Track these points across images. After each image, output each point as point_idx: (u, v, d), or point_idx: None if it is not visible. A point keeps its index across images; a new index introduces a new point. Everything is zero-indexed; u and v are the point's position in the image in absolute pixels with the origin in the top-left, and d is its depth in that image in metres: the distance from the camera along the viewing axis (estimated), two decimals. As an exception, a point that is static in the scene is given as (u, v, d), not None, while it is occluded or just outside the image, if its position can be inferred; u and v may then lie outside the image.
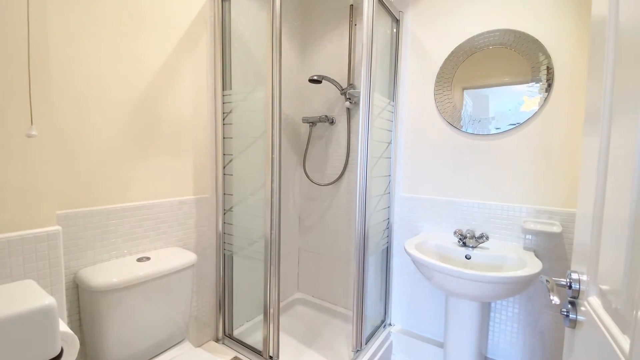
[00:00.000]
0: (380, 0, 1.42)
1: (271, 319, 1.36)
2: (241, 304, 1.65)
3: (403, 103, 1.67)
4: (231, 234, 1.51)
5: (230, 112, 1.46)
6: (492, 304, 1.48)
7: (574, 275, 0.57)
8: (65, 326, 0.55)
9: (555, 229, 1.26)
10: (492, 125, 1.43)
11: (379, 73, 1.50)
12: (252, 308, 1.75)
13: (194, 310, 1.46)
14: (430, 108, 1.59)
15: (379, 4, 1.42)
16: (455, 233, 1.45)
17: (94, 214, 1.09)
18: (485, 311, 1.39)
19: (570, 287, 0.57)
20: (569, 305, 0.57)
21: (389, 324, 1.76)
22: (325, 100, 1.96)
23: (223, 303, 1.55)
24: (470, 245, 1.40)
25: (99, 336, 1.02)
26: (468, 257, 1.39)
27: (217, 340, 1.57)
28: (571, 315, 0.56)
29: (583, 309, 0.53)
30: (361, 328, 1.44)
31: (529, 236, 1.37)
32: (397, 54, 1.65)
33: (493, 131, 1.43)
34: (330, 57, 1.92)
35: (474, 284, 1.16)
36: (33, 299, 0.52)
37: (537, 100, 1.33)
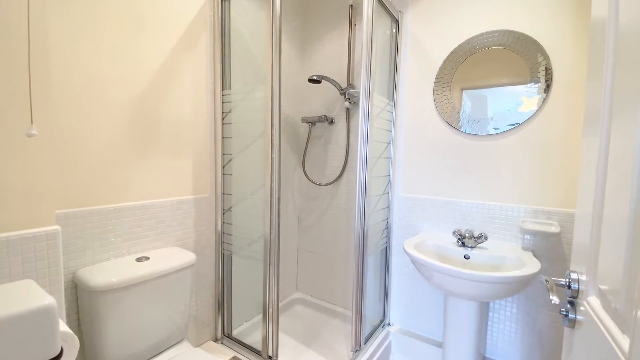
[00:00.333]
0: (380, 1, 1.42)
1: (270, 319, 1.36)
2: (240, 303, 1.64)
3: (402, 103, 1.68)
4: (230, 234, 1.51)
5: (229, 112, 1.46)
6: (491, 304, 1.49)
7: (573, 275, 0.58)
8: (65, 326, 0.54)
9: (554, 229, 1.26)
10: (491, 125, 1.43)
11: (378, 73, 1.50)
12: (251, 308, 1.75)
13: (192, 310, 1.46)
14: (429, 108, 1.60)
15: (379, 4, 1.42)
16: (454, 233, 1.45)
17: (93, 213, 1.09)
18: (483, 311, 1.39)
19: (569, 287, 0.57)
20: (568, 305, 0.58)
21: (388, 324, 1.77)
22: (324, 100, 1.96)
23: (222, 303, 1.55)
24: (469, 245, 1.41)
25: (98, 336, 1.01)
26: (467, 257, 1.39)
27: (216, 340, 1.57)
28: (570, 315, 0.56)
29: (582, 308, 0.54)
30: (360, 328, 1.44)
31: (527, 236, 1.38)
32: (397, 54, 1.66)
33: (492, 132, 1.43)
34: (329, 57, 1.92)
35: (472, 284, 1.16)
36: (33, 298, 0.52)
37: (536, 101, 1.34)
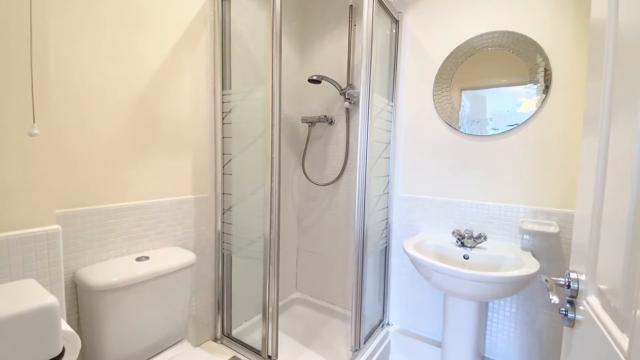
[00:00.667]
0: (380, 1, 1.42)
1: (270, 319, 1.36)
2: (239, 303, 1.64)
3: (402, 103, 1.68)
4: (230, 234, 1.51)
5: (229, 112, 1.46)
6: (490, 304, 1.49)
7: (573, 275, 0.58)
8: (66, 325, 0.54)
9: (553, 229, 1.27)
10: (490, 126, 1.44)
11: (378, 73, 1.50)
12: (251, 308, 1.75)
13: (192, 309, 1.46)
14: (429, 108, 1.60)
15: (379, 4, 1.43)
16: (453, 233, 1.46)
17: (92, 213, 1.09)
18: (483, 311, 1.40)
19: (569, 287, 0.58)
20: (568, 305, 0.58)
21: (387, 324, 1.77)
22: (324, 100, 1.96)
23: (222, 302, 1.55)
24: (469, 245, 1.41)
25: (98, 336, 1.01)
26: (466, 257, 1.39)
27: (216, 339, 1.57)
28: (570, 315, 0.57)
29: (582, 308, 0.54)
30: (360, 328, 1.44)
31: (527, 236, 1.38)
32: (397, 55, 1.66)
33: (491, 132, 1.44)
34: (329, 57, 1.92)
35: (472, 284, 1.17)
36: (35, 298, 0.52)
37: (535, 102, 1.34)
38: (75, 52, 1.02)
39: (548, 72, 1.31)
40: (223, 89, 1.46)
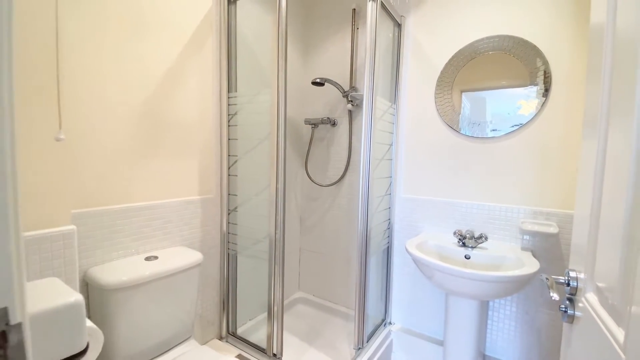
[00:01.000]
0: (383, 6, 1.45)
1: (275, 317, 1.39)
2: (244, 302, 1.67)
3: (404, 106, 1.71)
4: (235, 234, 1.53)
5: (235, 114, 1.49)
6: (491, 303, 1.52)
7: (572, 274, 0.61)
8: (89, 322, 0.57)
9: (552, 229, 1.30)
10: (491, 128, 1.47)
11: (380, 76, 1.53)
12: (255, 307, 1.77)
13: (198, 308, 1.48)
14: (430, 111, 1.63)
15: (382, 9, 1.45)
16: (455, 233, 1.48)
17: (103, 213, 1.11)
18: (484, 310, 1.42)
19: (568, 285, 0.60)
20: (567, 302, 0.61)
21: (389, 323, 1.80)
22: (327, 102, 1.99)
23: (227, 301, 1.58)
24: (470, 245, 1.44)
25: (109, 334, 1.04)
26: (467, 257, 1.42)
27: (221, 338, 1.59)
28: (569, 311, 0.59)
29: (581, 305, 0.57)
30: (363, 326, 1.47)
31: (527, 237, 1.41)
32: (399, 58, 1.69)
33: (492, 134, 1.46)
34: (332, 60, 1.95)
35: (474, 283, 1.19)
36: (61, 295, 0.55)
37: (535, 104, 1.37)
38: (85, 57, 1.04)
39: (548, 76, 1.34)
40: (229, 92, 1.48)
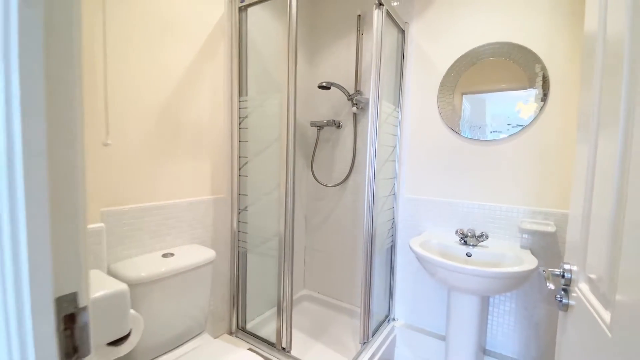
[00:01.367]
0: (388, 13, 1.51)
1: (284, 312, 1.44)
2: (252, 299, 1.73)
3: (407, 109, 1.77)
4: (245, 232, 1.59)
5: (246, 117, 1.55)
6: (491, 299, 1.58)
7: (567, 266, 0.67)
8: (132, 310, 0.62)
9: (550, 228, 1.36)
10: (491, 130, 1.53)
11: (385, 81, 1.59)
12: (262, 303, 1.83)
13: (210, 304, 1.54)
14: (433, 114, 1.69)
15: (387, 16, 1.51)
16: (456, 232, 1.54)
17: (125, 212, 1.17)
18: (484, 305, 1.48)
19: (563, 277, 0.66)
20: (562, 292, 0.67)
21: (393, 319, 1.86)
22: (332, 105, 2.05)
23: (237, 298, 1.63)
24: (471, 243, 1.50)
25: (130, 326, 1.09)
26: (469, 255, 1.48)
27: (231, 333, 1.65)
28: (564, 300, 0.65)
29: (574, 294, 0.63)
30: (368, 322, 1.53)
31: (526, 235, 1.47)
32: (402, 63, 1.75)
33: (492, 137, 1.53)
34: (337, 64, 2.01)
35: (475, 279, 1.25)
36: (109, 285, 0.60)
37: (534, 108, 1.43)
38: (118, 63, 1.10)
39: (546, 81, 1.40)
40: (240, 96, 1.54)
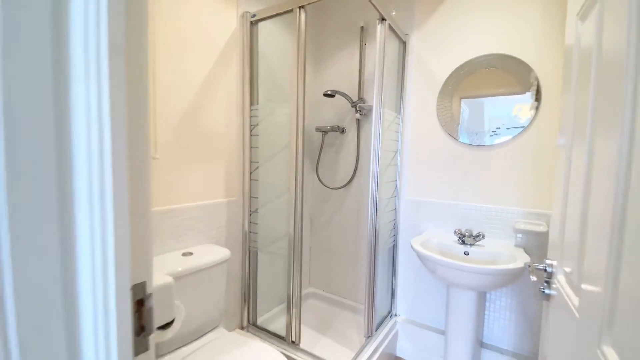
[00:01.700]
0: (390, 27, 1.61)
1: (294, 308, 1.54)
2: (262, 296, 1.82)
3: (408, 116, 1.86)
4: (256, 233, 1.69)
5: (257, 125, 1.65)
6: (487, 295, 1.67)
7: (548, 262, 0.76)
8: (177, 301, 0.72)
9: (542, 228, 1.45)
10: (487, 137, 1.62)
11: (387, 90, 1.68)
12: (271, 300, 1.93)
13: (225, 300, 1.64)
14: (432, 121, 1.78)
15: (389, 29, 1.61)
16: (455, 232, 1.64)
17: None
18: (481, 301, 1.58)
19: (545, 271, 0.76)
20: (545, 284, 0.76)
21: (395, 315, 1.95)
22: (336, 111, 2.15)
23: (248, 294, 1.73)
24: (469, 243, 1.60)
25: (155, 319, 1.19)
26: (467, 254, 1.58)
27: (242, 328, 1.74)
28: (546, 291, 0.75)
29: (554, 285, 0.72)
30: (372, 317, 1.62)
31: (520, 235, 1.57)
32: (403, 72, 1.85)
33: (490, 141, 1.62)
34: (341, 73, 2.10)
35: (472, 275, 1.35)
36: (158, 278, 0.70)
37: (527, 116, 1.53)
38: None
39: (539, 90, 1.50)
40: (251, 105, 1.64)
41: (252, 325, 1.74)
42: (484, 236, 1.59)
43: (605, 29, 0.53)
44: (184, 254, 1.34)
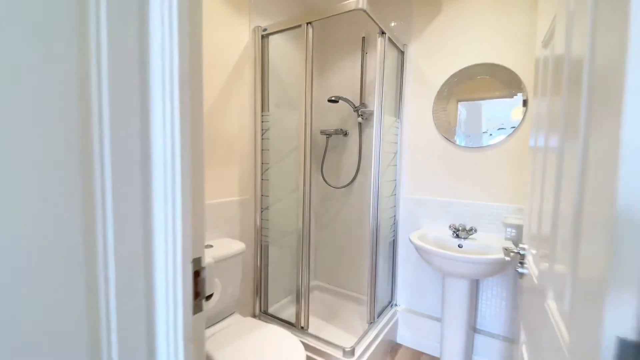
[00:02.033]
0: (390, 39, 1.76)
1: (302, 297, 1.69)
2: (271, 287, 1.97)
3: (406, 120, 2.01)
4: (267, 228, 1.84)
5: (268, 130, 1.80)
6: (480, 285, 1.82)
7: (521, 246, 0.91)
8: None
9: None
10: (483, 138, 1.77)
11: (387, 96, 1.83)
12: (280, 291, 2.08)
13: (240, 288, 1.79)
14: (429, 124, 1.93)
15: (389, 41, 1.76)
16: (450, 227, 1.79)
17: (174, 211, 1.42)
18: (473, 289, 1.72)
19: (519, 254, 0.91)
20: (519, 264, 0.91)
21: (395, 304, 2.10)
22: (339, 115, 2.30)
23: (260, 285, 1.88)
24: (462, 236, 1.74)
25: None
26: (460, 246, 1.72)
27: (254, 316, 1.89)
28: (520, 270, 0.90)
29: (526, 265, 0.87)
30: (374, 304, 1.77)
31: (509, 229, 1.71)
32: (402, 79, 1.99)
33: (485, 143, 1.77)
34: (344, 80, 2.25)
35: (465, 265, 1.50)
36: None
37: (517, 118, 1.67)
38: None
39: (526, 98, 1.64)
40: (262, 111, 1.79)
41: (264, 314, 1.89)
42: (476, 230, 1.74)
43: (555, 54, 0.68)
44: (206, 247, 1.49)
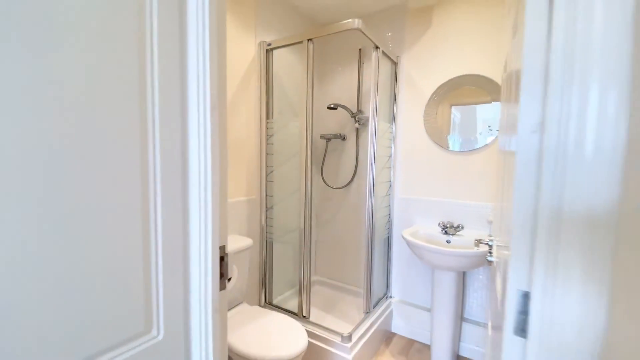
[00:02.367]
0: (383, 53, 1.92)
1: (304, 289, 1.85)
2: (275, 280, 2.13)
3: (400, 125, 2.18)
4: (271, 226, 2.00)
5: (272, 135, 1.96)
6: (467, 277, 1.98)
7: (490, 238, 1.07)
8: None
9: (509, 220, 1.76)
10: (472, 141, 1.93)
11: (381, 104, 2.00)
12: (283, 285, 2.24)
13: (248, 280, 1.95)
14: (420, 129, 2.10)
15: (383, 55, 1.92)
16: (439, 224, 1.95)
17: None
18: (460, 281, 1.88)
19: (489, 245, 1.07)
20: (489, 254, 1.07)
21: (390, 297, 2.26)
22: (338, 121, 2.46)
23: (265, 278, 2.04)
24: (450, 233, 1.90)
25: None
26: (448, 242, 1.89)
27: (260, 306, 2.05)
28: (489, 259, 1.06)
29: (494, 254, 1.03)
30: (369, 296, 1.93)
31: (491, 226, 1.87)
32: (395, 88, 2.16)
33: (471, 147, 1.93)
34: (342, 88, 2.42)
35: (453, 258, 1.65)
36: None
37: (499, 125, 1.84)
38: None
39: (506, 106, 1.81)
40: (267, 118, 1.95)
41: (269, 305, 2.05)
42: (463, 227, 1.90)
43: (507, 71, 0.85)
44: (217, 242, 1.65)
